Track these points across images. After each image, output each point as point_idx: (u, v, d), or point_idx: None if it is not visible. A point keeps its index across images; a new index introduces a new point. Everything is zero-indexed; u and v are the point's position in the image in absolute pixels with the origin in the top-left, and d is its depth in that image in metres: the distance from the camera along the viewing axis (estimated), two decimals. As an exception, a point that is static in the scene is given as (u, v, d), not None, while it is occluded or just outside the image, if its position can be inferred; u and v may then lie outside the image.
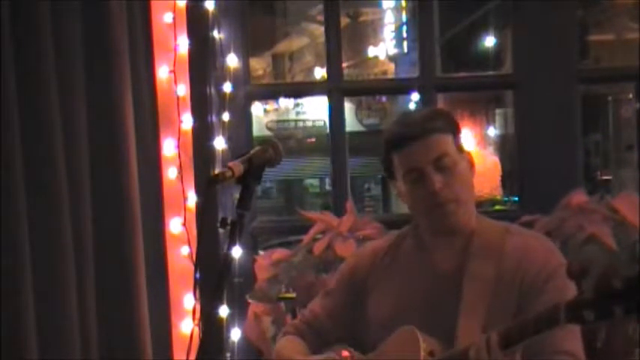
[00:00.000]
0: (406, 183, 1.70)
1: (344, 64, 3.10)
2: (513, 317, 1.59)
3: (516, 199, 2.93)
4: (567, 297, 1.34)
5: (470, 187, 1.73)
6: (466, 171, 1.71)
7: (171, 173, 2.66)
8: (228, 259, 1.59)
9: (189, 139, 2.67)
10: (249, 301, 2.57)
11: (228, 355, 2.63)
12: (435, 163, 1.66)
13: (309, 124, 13.23)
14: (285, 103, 12.36)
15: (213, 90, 2.69)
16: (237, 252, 2.44)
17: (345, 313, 1.83)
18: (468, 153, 1.75)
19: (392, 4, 12.35)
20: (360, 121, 13.01)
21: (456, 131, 1.72)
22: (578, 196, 2.46)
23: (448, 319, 1.61)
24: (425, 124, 1.68)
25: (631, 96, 9.09)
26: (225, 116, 2.70)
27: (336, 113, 2.87)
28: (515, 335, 1.42)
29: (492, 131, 9.16)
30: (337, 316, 1.84)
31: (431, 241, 1.75)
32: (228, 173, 1.52)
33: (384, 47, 12.35)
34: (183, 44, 2.65)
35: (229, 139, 2.69)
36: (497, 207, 3.42)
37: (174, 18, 2.65)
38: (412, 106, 4.97)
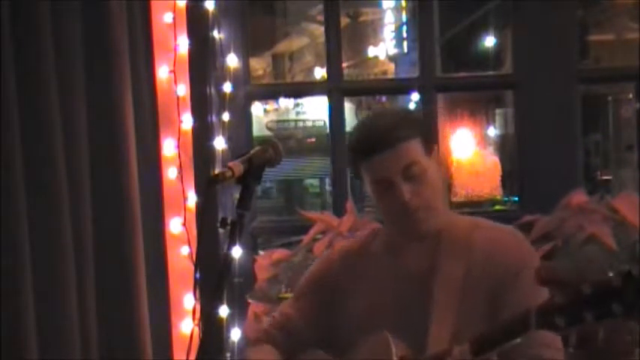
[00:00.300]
0: (374, 192, 1.67)
1: (344, 64, 3.09)
2: (485, 315, 1.58)
3: (516, 199, 2.92)
4: (539, 293, 1.33)
5: (440, 189, 1.69)
6: (436, 174, 1.67)
7: (171, 173, 2.66)
8: (228, 259, 1.58)
9: (189, 139, 2.67)
10: (249, 301, 2.57)
11: (228, 355, 2.63)
12: (403, 173, 1.61)
13: (309, 124, 13.20)
14: (285, 103, 12.35)
15: (213, 90, 2.69)
16: (237, 252, 2.44)
17: (318, 313, 1.80)
18: (437, 152, 1.70)
19: (392, 4, 12.35)
20: (360, 121, 12.96)
21: (425, 134, 1.67)
22: (578, 196, 2.46)
23: (420, 319, 1.60)
24: (391, 133, 1.62)
25: (631, 96, 9.09)
26: (225, 116, 2.69)
27: (336, 113, 2.86)
28: (487, 342, 1.39)
29: (492, 131, 9.14)
30: (311, 317, 1.81)
31: (401, 243, 1.73)
32: (228, 173, 1.51)
33: (384, 47, 12.35)
34: (183, 44, 2.65)
35: (229, 139, 2.69)
36: (497, 207, 3.41)
37: (174, 18, 2.65)
38: (412, 106, 4.96)
